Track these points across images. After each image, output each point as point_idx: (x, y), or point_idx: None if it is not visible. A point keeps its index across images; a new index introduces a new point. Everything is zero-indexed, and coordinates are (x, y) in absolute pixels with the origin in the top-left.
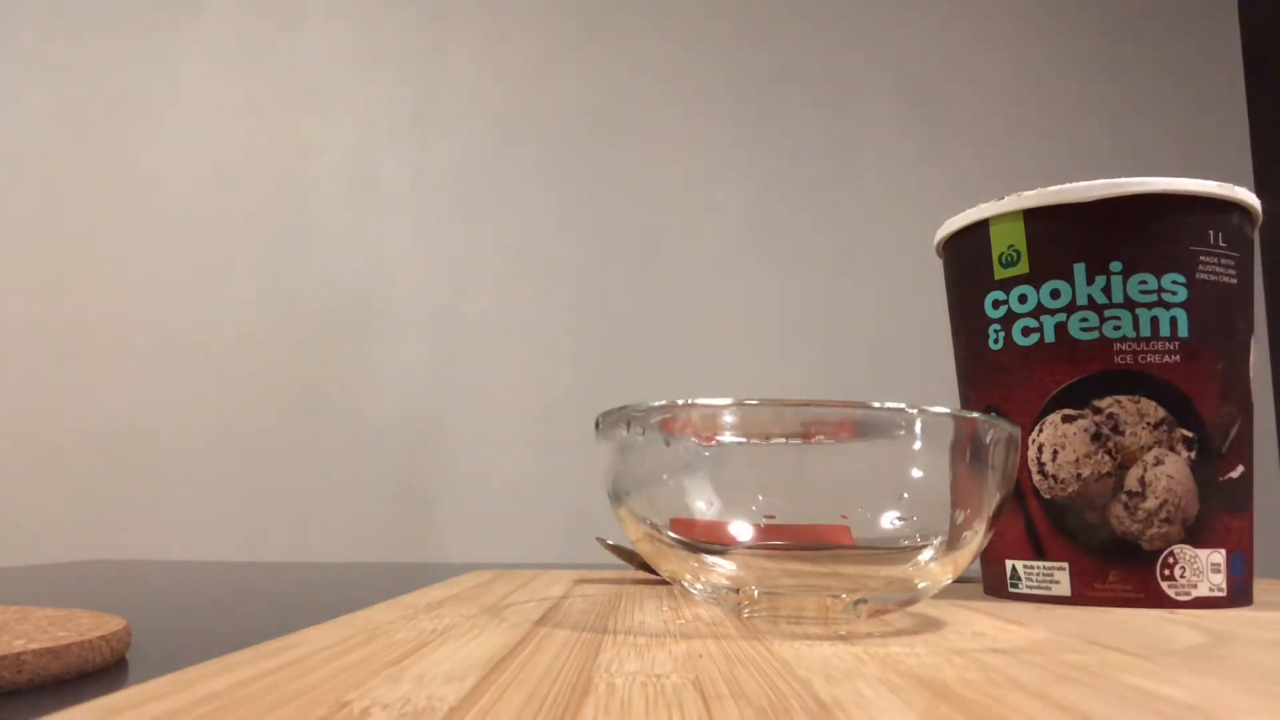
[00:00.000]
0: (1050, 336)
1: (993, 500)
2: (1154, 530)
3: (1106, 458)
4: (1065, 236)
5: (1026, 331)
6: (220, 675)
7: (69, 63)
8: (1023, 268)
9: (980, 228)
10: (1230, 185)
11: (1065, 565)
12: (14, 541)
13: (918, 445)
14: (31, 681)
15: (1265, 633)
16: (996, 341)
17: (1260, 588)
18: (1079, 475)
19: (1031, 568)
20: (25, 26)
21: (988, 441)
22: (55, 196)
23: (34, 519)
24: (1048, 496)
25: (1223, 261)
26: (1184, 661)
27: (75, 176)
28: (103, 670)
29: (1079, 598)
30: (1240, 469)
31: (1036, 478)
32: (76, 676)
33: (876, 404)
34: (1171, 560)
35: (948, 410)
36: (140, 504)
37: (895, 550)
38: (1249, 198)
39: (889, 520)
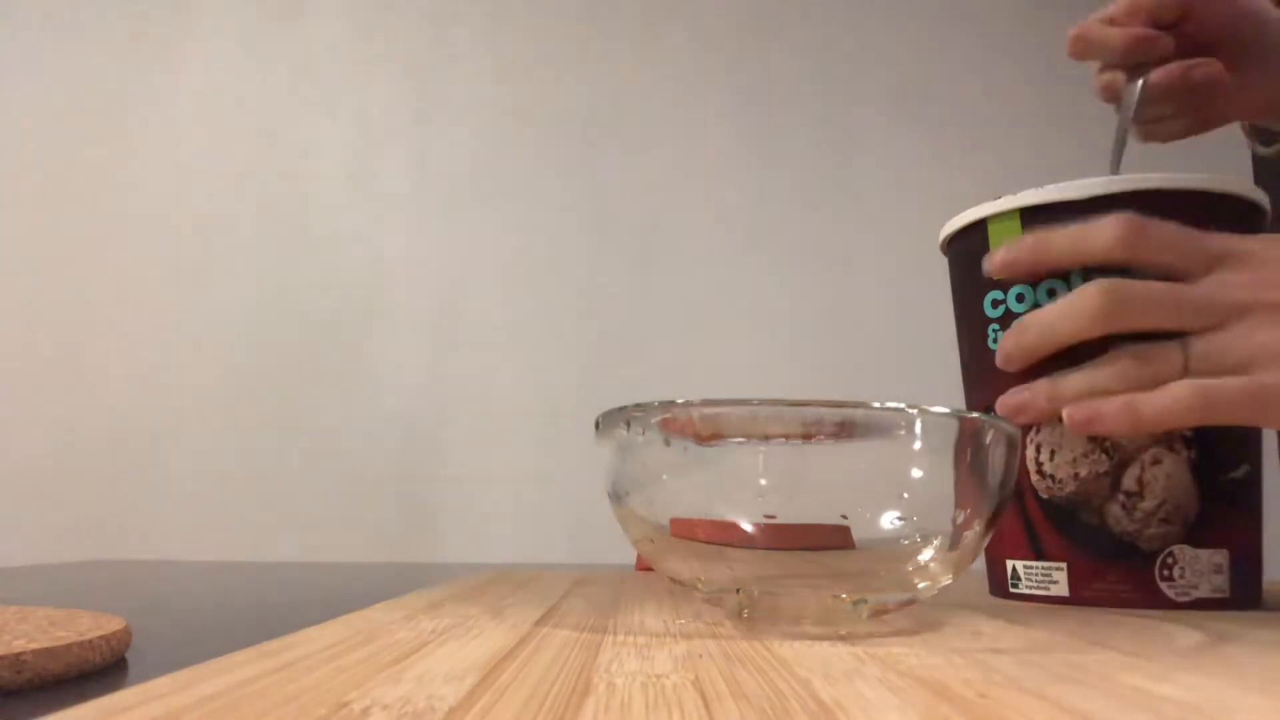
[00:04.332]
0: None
1: (992, 500)
2: (1152, 530)
3: (1104, 457)
4: None
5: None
6: (220, 675)
7: (68, 63)
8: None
9: (978, 228)
10: (1226, 179)
11: (1063, 565)
12: (14, 541)
13: (918, 445)
14: (31, 681)
15: (1265, 633)
16: (995, 341)
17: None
18: (1076, 475)
19: (1031, 568)
20: (24, 28)
21: (987, 442)
22: (55, 196)
23: (34, 519)
24: (1045, 496)
25: None
26: (1184, 661)
27: (75, 176)
28: (103, 670)
29: (1077, 598)
30: (1244, 468)
31: (1035, 478)
32: (76, 676)
33: (876, 404)
34: (1171, 560)
35: (948, 410)
36: (140, 504)
37: (895, 550)
38: (1250, 192)
39: (889, 520)
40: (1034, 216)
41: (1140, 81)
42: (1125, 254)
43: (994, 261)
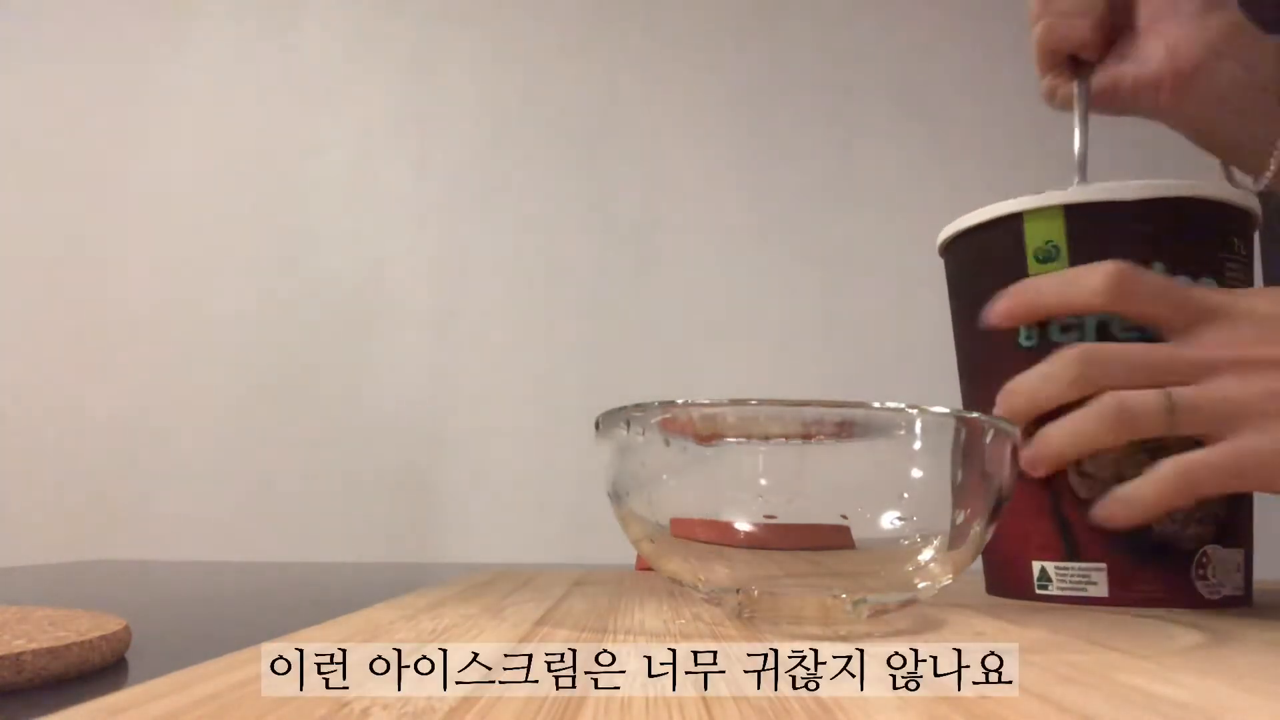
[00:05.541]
0: (1092, 335)
1: (993, 500)
2: (1191, 530)
3: (1147, 457)
4: (1109, 234)
5: (1066, 328)
6: (220, 675)
7: (69, 63)
8: (1062, 263)
9: (1011, 222)
10: (1250, 194)
11: (1103, 566)
12: (14, 541)
13: (918, 445)
14: (31, 681)
15: (1265, 633)
16: (1029, 338)
17: (1260, 587)
18: (1120, 476)
19: (1065, 569)
20: (25, 28)
21: (988, 441)
22: (55, 196)
23: (34, 519)
24: (1086, 497)
25: (1241, 266)
26: (1184, 661)
27: (76, 175)
28: (103, 670)
29: (1116, 599)
30: None
31: (1074, 478)
32: (76, 676)
33: (876, 404)
34: (1205, 560)
35: (948, 410)
36: (140, 504)
37: (895, 550)
38: (1257, 207)
39: (889, 520)
40: (1079, 214)
41: (1087, 80)
42: (1113, 305)
43: (994, 312)
